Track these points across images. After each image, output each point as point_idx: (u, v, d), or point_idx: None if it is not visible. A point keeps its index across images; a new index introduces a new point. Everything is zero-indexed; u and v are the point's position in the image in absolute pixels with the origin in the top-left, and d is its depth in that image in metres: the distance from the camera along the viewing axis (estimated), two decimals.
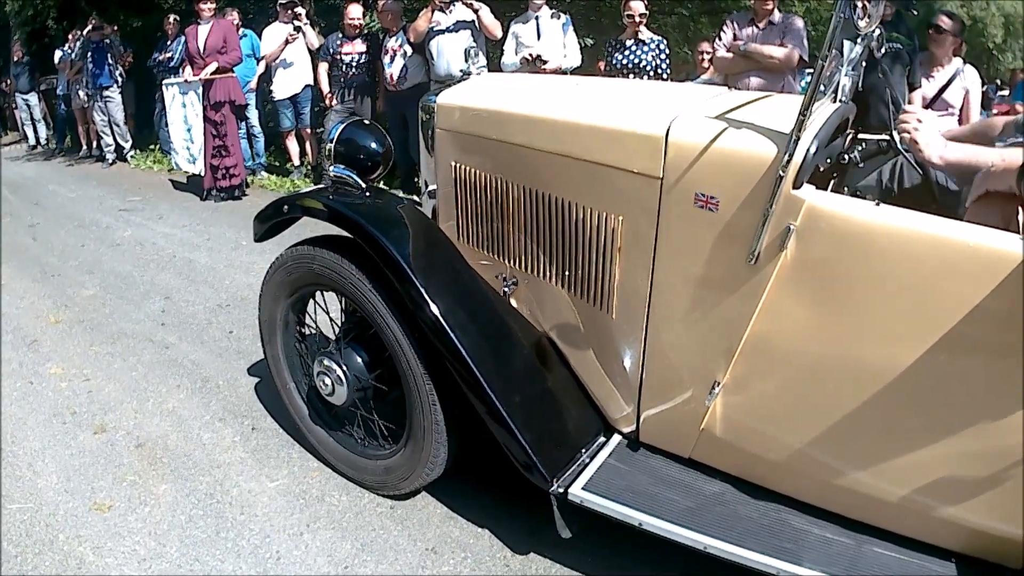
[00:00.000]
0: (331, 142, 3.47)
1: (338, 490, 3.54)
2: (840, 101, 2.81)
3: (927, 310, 2.23)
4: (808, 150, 2.33)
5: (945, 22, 6.05)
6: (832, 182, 3.02)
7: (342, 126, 3.51)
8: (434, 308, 2.88)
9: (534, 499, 2.98)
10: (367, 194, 3.35)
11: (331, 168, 3.42)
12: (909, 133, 2.59)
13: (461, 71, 3.76)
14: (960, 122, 5.84)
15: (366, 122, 3.74)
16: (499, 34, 7.85)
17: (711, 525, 2.62)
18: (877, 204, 2.31)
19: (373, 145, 3.49)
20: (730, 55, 6.79)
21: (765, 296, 2.45)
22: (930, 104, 6.15)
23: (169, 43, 11.20)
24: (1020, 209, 2.30)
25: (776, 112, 2.64)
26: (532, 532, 3.19)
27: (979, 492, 2.30)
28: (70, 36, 13.90)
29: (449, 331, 2.87)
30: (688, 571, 2.93)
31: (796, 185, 2.33)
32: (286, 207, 3.47)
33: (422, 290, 2.89)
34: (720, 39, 6.96)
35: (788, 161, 2.29)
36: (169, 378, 4.69)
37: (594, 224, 2.88)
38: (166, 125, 9.99)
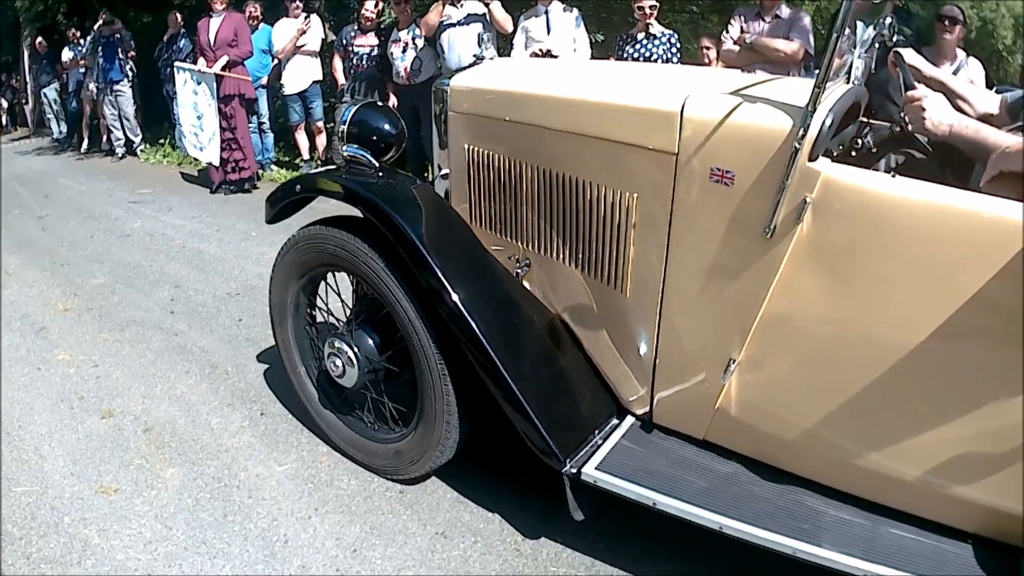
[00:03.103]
0: (344, 124, 3.44)
1: (347, 474, 3.53)
2: (853, 82, 2.79)
3: (945, 282, 2.21)
4: (824, 122, 2.32)
5: (955, 12, 6.06)
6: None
7: (355, 108, 3.48)
8: (449, 288, 2.85)
9: (545, 485, 2.98)
10: (380, 174, 3.32)
11: (344, 148, 3.39)
12: (919, 108, 2.56)
13: (474, 56, 3.75)
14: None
15: (379, 104, 3.72)
16: (510, 28, 7.80)
17: (726, 505, 2.59)
18: (893, 176, 2.30)
19: (386, 127, 3.46)
20: (737, 48, 6.75)
21: (781, 270, 2.43)
22: None
23: (178, 41, 11.20)
24: None
25: (790, 91, 2.63)
26: (543, 517, 3.18)
27: (997, 472, 2.28)
28: (69, 34, 13.95)
29: (464, 311, 2.84)
30: (701, 557, 2.94)
31: (812, 158, 2.31)
32: (299, 187, 3.46)
33: (437, 270, 2.87)
34: (727, 32, 6.93)
35: (804, 134, 2.28)
36: (178, 364, 4.69)
37: (609, 203, 2.86)
38: (176, 110, 9.98)
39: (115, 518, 3.28)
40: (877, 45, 3.05)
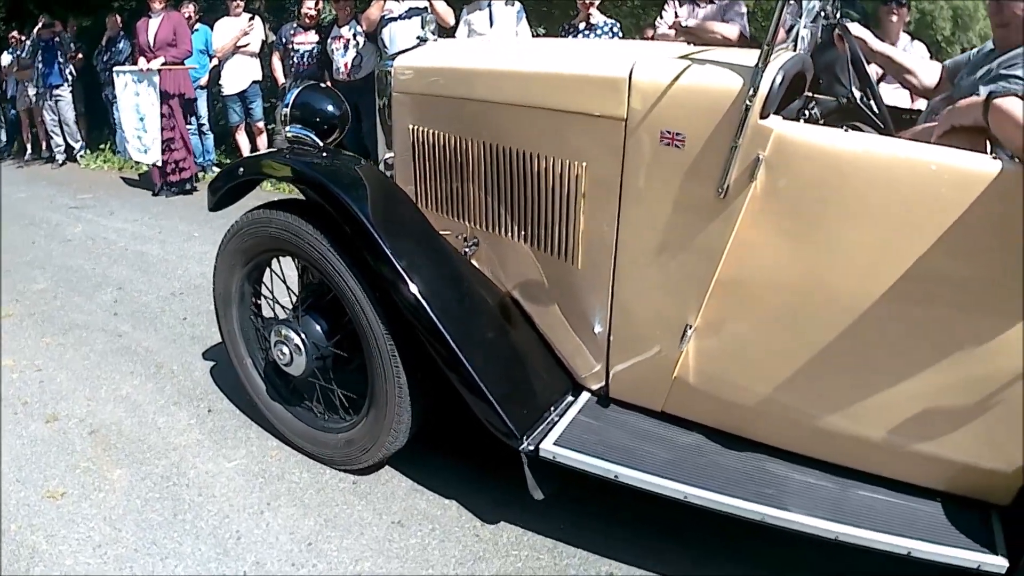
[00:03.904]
0: (287, 107, 3.37)
1: (299, 467, 3.47)
2: (800, 51, 2.78)
3: (899, 234, 2.22)
4: (774, 80, 2.31)
5: None
6: None
7: (297, 90, 3.42)
8: (405, 277, 2.81)
9: (502, 469, 2.96)
10: (325, 155, 3.26)
11: (287, 129, 3.32)
12: None
13: (417, 37, 3.68)
14: (911, 95, 5.88)
15: (322, 86, 3.66)
16: (452, 21, 7.74)
17: (690, 475, 2.57)
18: (846, 131, 2.31)
19: (330, 108, 3.41)
20: (672, 32, 6.74)
21: (736, 231, 2.41)
22: (882, 78, 6.18)
23: (117, 43, 11.02)
24: (987, 143, 2.27)
25: (737, 56, 2.61)
26: (502, 501, 3.15)
27: (962, 427, 2.29)
28: (10, 38, 13.70)
29: (421, 300, 2.80)
30: (667, 535, 2.93)
31: (763, 115, 2.30)
32: (241, 170, 3.38)
33: (387, 252, 2.81)
34: (662, 17, 6.93)
35: (754, 92, 2.27)
36: (122, 365, 4.59)
37: (557, 173, 2.82)
38: (117, 116, 9.82)
39: (63, 523, 3.20)
40: (823, 15, 3.06)
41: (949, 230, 2.13)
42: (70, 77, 11.75)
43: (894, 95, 5.87)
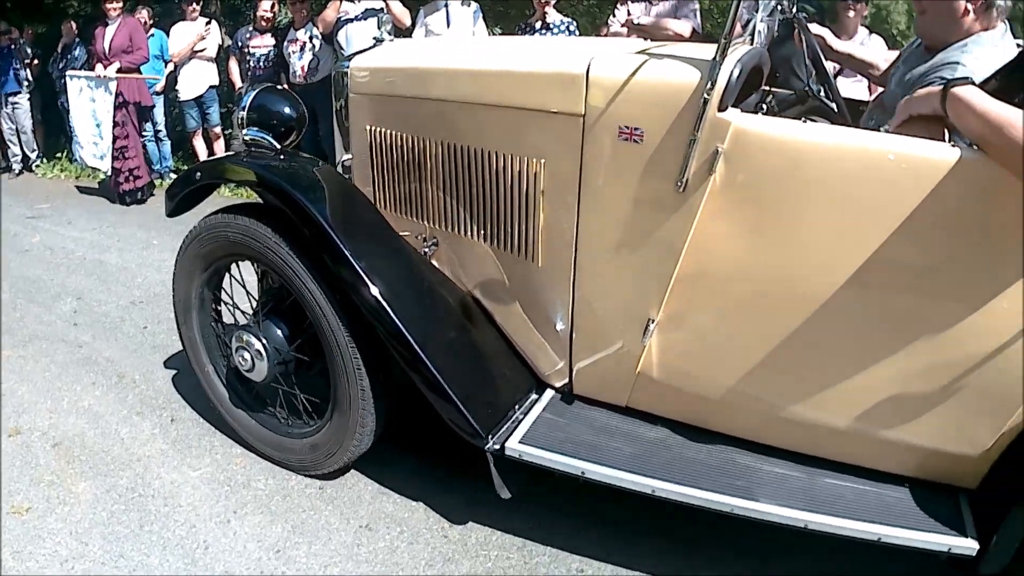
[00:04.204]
0: (243, 110, 3.33)
1: (264, 474, 3.45)
2: (757, 45, 2.79)
3: (860, 223, 2.23)
4: (732, 73, 2.30)
5: None
6: None
7: (254, 93, 3.38)
8: (357, 267, 2.79)
9: (469, 469, 2.97)
10: (282, 157, 3.23)
11: (244, 132, 3.28)
12: None
13: (374, 38, 3.65)
14: (869, 89, 5.90)
15: (279, 88, 3.63)
16: (408, 22, 7.73)
17: (658, 469, 2.57)
18: (804, 122, 2.32)
19: (287, 110, 3.38)
20: (624, 31, 6.75)
21: (696, 224, 2.41)
22: (839, 72, 6.21)
23: (73, 50, 10.88)
24: (945, 131, 2.28)
25: (694, 50, 2.61)
26: (469, 502, 3.16)
27: (928, 412, 2.31)
28: None
29: (375, 293, 2.78)
30: (633, 533, 2.93)
31: (721, 108, 2.30)
32: (199, 174, 3.34)
33: (348, 256, 2.79)
34: (615, 16, 6.94)
35: (712, 85, 2.26)
36: (83, 376, 4.53)
37: (515, 171, 2.81)
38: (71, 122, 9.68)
39: (28, 538, 3.16)
40: (780, 9, 3.07)
41: (908, 218, 2.14)
42: (27, 82, 11.57)
43: (852, 88, 5.92)
